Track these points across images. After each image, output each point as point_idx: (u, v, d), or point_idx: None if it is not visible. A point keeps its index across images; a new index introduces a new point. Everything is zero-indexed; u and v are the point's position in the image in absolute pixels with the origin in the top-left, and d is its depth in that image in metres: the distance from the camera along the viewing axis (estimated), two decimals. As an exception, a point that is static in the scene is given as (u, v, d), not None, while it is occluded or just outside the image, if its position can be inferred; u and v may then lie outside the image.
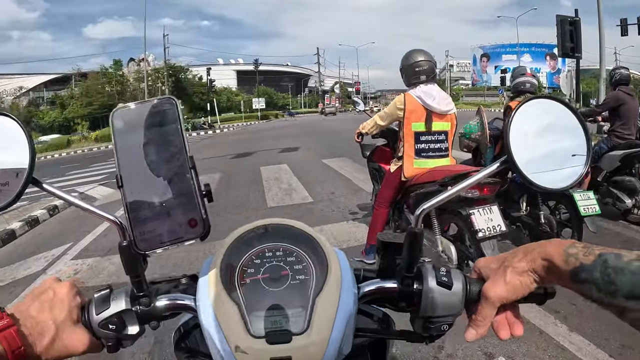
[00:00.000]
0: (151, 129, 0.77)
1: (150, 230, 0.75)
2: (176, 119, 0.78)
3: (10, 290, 5.01)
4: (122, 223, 0.77)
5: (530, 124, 0.78)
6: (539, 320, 3.26)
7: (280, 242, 0.80)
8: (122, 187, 0.75)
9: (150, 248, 0.75)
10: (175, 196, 0.76)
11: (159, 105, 0.79)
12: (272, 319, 0.69)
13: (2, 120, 0.81)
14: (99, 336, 0.77)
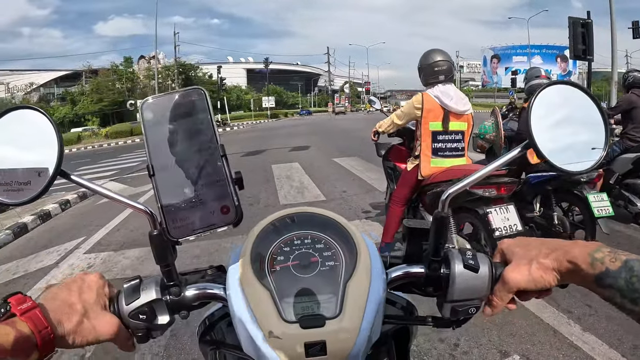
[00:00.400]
0: (181, 119, 0.79)
1: (182, 218, 0.77)
2: (205, 108, 0.80)
3: (24, 282, 5.04)
4: (152, 212, 0.78)
5: (550, 108, 0.80)
6: (553, 320, 3.27)
7: (308, 229, 0.80)
8: (154, 176, 0.77)
9: (183, 235, 0.77)
10: (207, 184, 0.78)
11: (188, 95, 0.80)
12: (303, 304, 0.69)
13: (30, 114, 0.81)
14: (129, 326, 0.78)
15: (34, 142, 0.79)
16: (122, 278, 4.66)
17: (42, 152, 0.78)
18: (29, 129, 0.79)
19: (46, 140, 0.78)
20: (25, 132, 0.80)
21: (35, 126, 0.79)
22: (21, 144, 0.80)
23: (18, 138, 0.80)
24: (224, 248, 5.28)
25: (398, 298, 0.96)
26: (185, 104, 0.80)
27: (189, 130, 0.79)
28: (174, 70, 54.23)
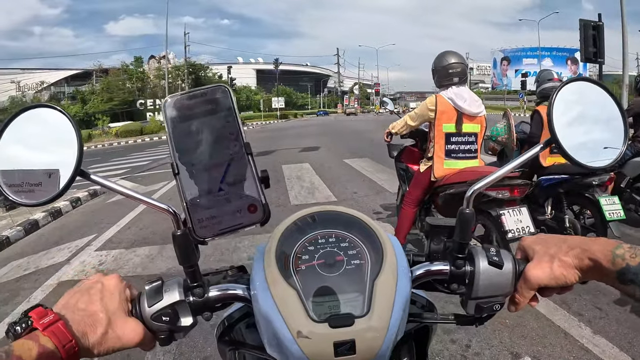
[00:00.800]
0: (205, 117, 0.78)
1: (208, 218, 0.76)
2: (230, 106, 0.79)
3: (35, 278, 5.09)
4: (175, 212, 0.77)
5: (570, 105, 0.80)
6: (564, 323, 3.27)
7: (332, 228, 0.79)
8: (178, 174, 0.76)
9: (209, 235, 0.76)
10: (233, 182, 0.77)
11: (212, 93, 0.79)
12: (330, 303, 0.68)
13: (48, 112, 0.80)
14: (152, 328, 0.77)
15: (53, 141, 0.78)
16: (134, 276, 4.78)
17: (61, 152, 0.77)
18: (48, 128, 0.79)
19: (65, 139, 0.78)
20: (45, 131, 0.79)
21: (54, 125, 0.79)
22: (40, 143, 0.79)
23: (37, 137, 0.80)
24: (237, 247, 5.31)
25: (418, 297, 0.96)
26: (209, 101, 0.79)
27: (214, 128, 0.78)
28: (184, 70, 54.36)
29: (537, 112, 4.77)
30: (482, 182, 0.82)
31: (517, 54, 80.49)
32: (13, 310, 4.19)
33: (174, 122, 0.78)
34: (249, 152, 0.78)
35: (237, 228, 0.77)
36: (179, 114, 0.78)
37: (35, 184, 0.77)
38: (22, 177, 0.78)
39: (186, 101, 0.79)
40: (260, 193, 0.77)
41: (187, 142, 0.77)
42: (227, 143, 0.77)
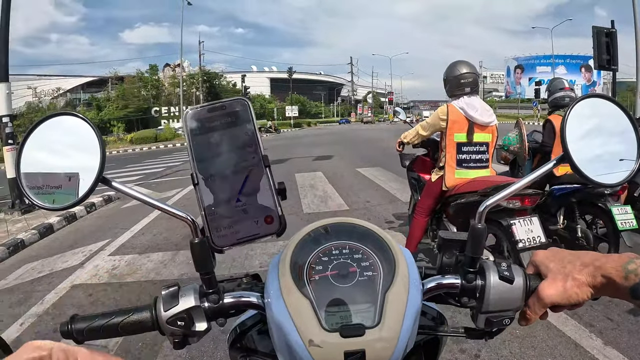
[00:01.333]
0: (225, 129, 0.79)
1: (226, 227, 0.77)
2: (249, 119, 0.80)
3: (49, 281, 5.15)
4: (193, 220, 0.79)
5: (584, 121, 0.80)
6: (574, 334, 3.25)
7: (346, 240, 0.80)
8: (198, 184, 0.77)
9: (227, 244, 0.78)
10: (250, 194, 0.78)
11: (232, 106, 0.81)
12: (341, 314, 0.69)
13: (72, 120, 0.83)
14: (166, 332, 0.79)
15: (76, 148, 0.80)
16: (147, 281, 4.83)
17: (84, 159, 0.79)
18: (72, 135, 0.81)
19: (88, 146, 0.80)
20: (68, 138, 0.81)
21: (78, 133, 0.81)
22: (63, 150, 0.81)
23: (60, 143, 0.81)
24: (248, 255, 5.32)
25: (429, 309, 0.96)
26: (229, 114, 0.80)
27: (233, 140, 0.79)
28: (198, 79, 54.70)
29: (549, 122, 4.75)
30: (494, 197, 0.83)
31: (530, 61, 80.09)
32: (26, 312, 4.25)
33: (194, 133, 0.80)
34: (267, 164, 0.80)
35: (254, 238, 0.79)
36: (199, 126, 0.80)
37: (58, 189, 0.80)
38: (45, 181, 0.80)
39: (206, 113, 0.80)
40: (277, 204, 0.79)
41: (207, 153, 0.79)
42: (245, 155, 0.79)
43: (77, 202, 0.80)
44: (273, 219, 0.79)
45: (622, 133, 0.82)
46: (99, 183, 0.79)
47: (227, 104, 0.81)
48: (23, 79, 56.47)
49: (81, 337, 0.82)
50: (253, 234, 0.78)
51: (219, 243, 0.78)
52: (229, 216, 0.78)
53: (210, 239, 0.77)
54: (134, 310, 0.82)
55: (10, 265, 6.09)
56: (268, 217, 0.79)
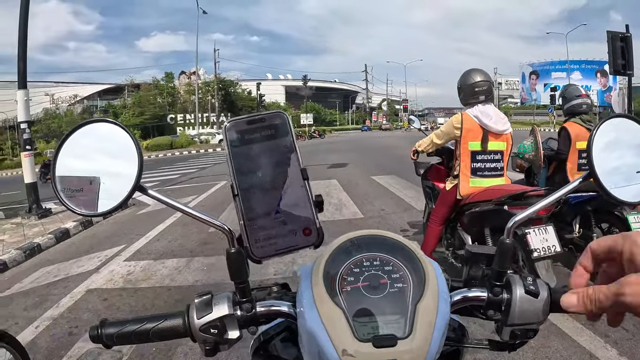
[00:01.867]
0: (264, 141, 0.80)
1: (265, 238, 0.78)
2: (288, 132, 0.81)
3: (64, 285, 5.23)
4: (230, 230, 0.79)
5: (609, 140, 0.81)
6: (589, 344, 3.21)
7: (377, 252, 0.80)
8: (238, 195, 0.78)
9: (266, 255, 0.79)
10: (289, 206, 0.79)
11: (270, 119, 0.81)
12: (372, 324, 0.69)
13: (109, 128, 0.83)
14: (198, 339, 0.80)
15: (114, 155, 0.81)
16: (161, 286, 4.86)
17: (121, 166, 0.80)
18: (109, 143, 0.82)
19: (125, 154, 0.80)
20: (105, 145, 0.82)
21: (115, 140, 0.82)
22: (100, 156, 0.82)
23: (97, 150, 0.82)
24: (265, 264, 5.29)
25: (452, 320, 0.95)
26: (268, 126, 0.81)
27: (272, 153, 0.80)
28: (213, 86, 55.02)
29: (564, 129, 4.71)
30: (523, 213, 0.84)
31: (545, 67, 79.72)
32: (41, 315, 4.31)
33: (234, 145, 0.81)
34: (305, 177, 0.80)
35: (292, 249, 0.80)
36: (239, 138, 0.81)
37: (92, 194, 0.81)
38: (80, 186, 0.81)
39: (246, 125, 0.82)
40: (314, 217, 0.80)
41: (246, 165, 0.80)
42: (284, 167, 0.80)
43: (116, 208, 0.81)
44: (311, 231, 0.80)
45: None
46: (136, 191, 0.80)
47: (266, 117, 0.82)
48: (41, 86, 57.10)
49: (111, 342, 0.84)
50: (291, 245, 0.79)
51: (258, 254, 0.79)
52: (268, 227, 0.79)
53: (249, 250, 0.78)
54: (166, 317, 0.84)
55: (26, 269, 6.19)
56: (306, 229, 0.80)
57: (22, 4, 9.16)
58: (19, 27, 9.11)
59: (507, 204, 3.58)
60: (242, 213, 0.79)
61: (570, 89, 4.99)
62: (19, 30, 9.11)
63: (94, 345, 3.46)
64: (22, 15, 9.13)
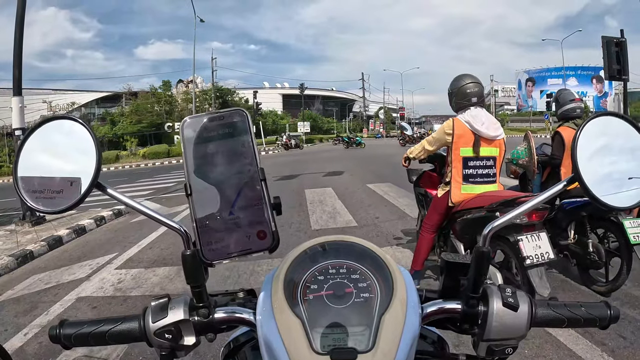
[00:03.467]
0: (222, 139, 0.78)
1: (217, 241, 0.75)
2: (247, 130, 0.79)
3: (55, 292, 5.23)
4: (186, 232, 0.78)
5: (596, 140, 0.79)
6: (586, 353, 3.17)
7: (344, 259, 0.78)
8: (191, 195, 0.76)
9: (217, 258, 0.75)
10: (244, 207, 0.76)
11: (230, 117, 0.79)
12: (335, 336, 0.67)
13: (70, 124, 0.82)
14: (154, 344, 0.78)
15: (73, 152, 0.80)
16: (151, 295, 4.81)
17: (81, 163, 0.79)
18: (69, 139, 0.81)
19: (85, 151, 0.80)
20: (65, 142, 0.81)
21: (75, 137, 0.81)
22: (60, 154, 0.81)
23: (57, 147, 0.81)
24: (254, 271, 5.31)
25: (430, 333, 0.93)
26: (226, 124, 0.79)
27: (230, 152, 0.78)
28: (211, 95, 55.07)
29: (558, 134, 4.71)
30: (501, 219, 0.81)
31: (541, 74, 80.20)
32: (31, 322, 4.31)
33: (191, 142, 0.78)
34: (262, 177, 0.77)
35: (244, 253, 0.76)
36: (196, 135, 0.78)
37: (54, 192, 0.80)
38: (42, 184, 0.80)
39: (204, 123, 0.79)
40: (270, 219, 0.76)
41: (203, 164, 0.77)
42: (241, 167, 0.77)
43: (73, 206, 0.79)
44: (266, 234, 0.76)
45: (632, 151, 0.80)
46: (94, 189, 0.79)
47: (225, 114, 0.80)
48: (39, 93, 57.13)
49: (69, 343, 0.82)
50: (244, 249, 0.76)
51: (209, 257, 0.75)
52: (221, 230, 0.76)
53: (200, 252, 0.75)
54: (123, 320, 0.82)
55: (18, 276, 6.19)
56: (261, 232, 0.76)
57: (18, 11, 9.20)
58: (15, 34, 9.15)
59: (498, 210, 3.55)
60: (194, 214, 0.76)
61: (563, 93, 5.00)
62: (14, 37, 9.16)
63: (81, 354, 3.47)
64: (18, 22, 9.16)
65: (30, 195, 0.80)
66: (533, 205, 0.82)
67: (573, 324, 0.81)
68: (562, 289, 4.38)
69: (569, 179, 0.78)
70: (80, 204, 0.79)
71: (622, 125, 0.81)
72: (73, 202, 0.78)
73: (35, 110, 48.47)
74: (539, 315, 0.78)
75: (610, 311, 0.80)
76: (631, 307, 3.85)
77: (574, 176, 0.77)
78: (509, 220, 0.81)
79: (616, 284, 4.06)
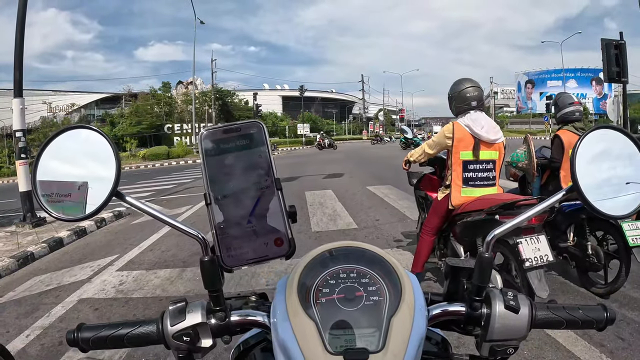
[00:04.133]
0: (239, 151, 0.81)
1: (236, 247, 0.79)
2: (264, 141, 0.82)
3: (56, 294, 5.23)
4: (204, 239, 0.80)
5: (594, 152, 0.81)
6: (585, 354, 3.18)
7: (354, 264, 0.80)
8: (210, 204, 0.79)
9: (236, 264, 0.79)
10: (262, 216, 0.79)
11: (246, 128, 0.82)
12: (346, 337, 0.68)
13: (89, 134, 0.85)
14: (172, 347, 0.80)
15: (93, 161, 0.82)
16: (153, 297, 4.84)
17: (100, 172, 0.81)
18: (88, 149, 0.83)
19: (104, 160, 0.82)
20: (84, 151, 0.83)
21: (94, 146, 0.83)
22: (80, 162, 0.83)
23: (77, 156, 0.83)
24: (255, 274, 5.30)
25: (433, 334, 0.95)
26: (243, 136, 0.82)
27: (247, 162, 0.81)
28: (210, 96, 55.03)
29: (557, 137, 4.72)
30: (502, 227, 0.84)
31: (541, 76, 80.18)
32: (33, 324, 4.31)
33: (209, 154, 0.81)
34: (278, 187, 0.80)
35: (263, 260, 0.80)
36: (214, 146, 0.81)
37: (72, 200, 0.82)
38: (60, 191, 0.82)
39: (221, 134, 0.82)
40: (287, 227, 0.80)
41: (220, 174, 0.80)
42: (258, 177, 0.80)
43: (91, 215, 0.82)
44: (283, 242, 0.80)
45: (629, 161, 0.82)
46: (113, 197, 0.81)
47: (242, 126, 0.83)
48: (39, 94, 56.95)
49: (87, 347, 0.84)
50: (262, 255, 0.79)
51: (228, 263, 0.79)
52: (239, 237, 0.79)
53: (220, 258, 0.79)
54: (141, 323, 0.84)
55: (19, 278, 6.19)
56: (278, 240, 0.80)
57: (19, 13, 9.24)
58: (16, 36, 9.17)
59: (498, 213, 3.57)
60: (214, 222, 0.79)
61: (562, 97, 5.01)
62: (15, 39, 9.17)
63: (84, 355, 3.47)
64: (19, 24, 9.19)
65: (48, 200, 0.82)
66: (534, 214, 0.84)
67: (571, 326, 0.84)
68: (562, 290, 4.39)
69: (567, 189, 0.80)
70: (99, 212, 0.82)
71: (620, 138, 0.83)
72: (93, 210, 0.81)
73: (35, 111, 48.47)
74: (538, 317, 0.81)
75: (607, 313, 0.83)
76: (630, 308, 3.86)
77: (572, 186, 0.79)
78: (511, 227, 0.84)
79: (615, 286, 4.06)
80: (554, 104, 5.08)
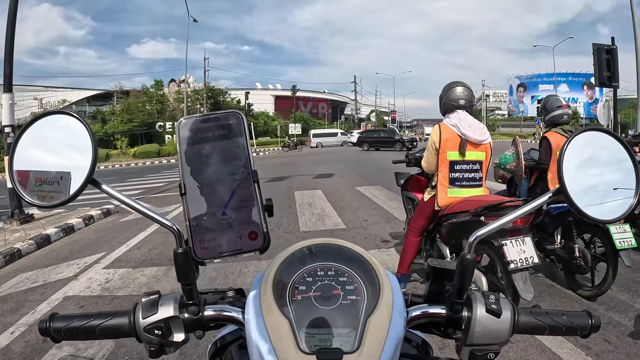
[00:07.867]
0: (217, 141, 0.79)
1: (210, 240, 0.76)
2: (242, 132, 0.80)
3: (42, 291, 5.21)
4: (179, 230, 0.79)
5: (581, 155, 0.80)
6: (570, 357, 3.18)
7: (332, 261, 0.79)
8: (185, 194, 0.77)
9: (208, 257, 0.76)
10: (237, 208, 0.77)
11: (225, 118, 0.80)
12: (321, 336, 0.68)
13: (67, 120, 0.83)
14: (143, 340, 0.79)
15: (69, 147, 0.81)
16: (138, 295, 4.76)
17: (76, 159, 0.80)
18: (65, 135, 0.82)
19: (81, 147, 0.80)
20: (61, 137, 0.82)
21: (71, 132, 0.82)
22: (56, 149, 0.82)
23: (53, 142, 0.82)
24: (242, 272, 5.31)
25: (414, 336, 0.95)
26: (222, 126, 0.80)
27: (224, 153, 0.79)
28: (203, 95, 54.89)
29: (545, 139, 4.73)
30: (485, 228, 0.83)
31: (533, 80, 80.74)
32: (18, 321, 4.29)
33: (186, 142, 0.79)
34: (255, 179, 0.79)
35: (236, 253, 0.77)
36: (192, 136, 0.80)
37: (49, 187, 0.80)
38: (37, 179, 0.81)
39: (200, 124, 0.80)
40: (262, 221, 0.78)
41: (197, 164, 0.78)
42: (235, 169, 0.79)
43: (67, 201, 0.80)
44: (257, 235, 0.77)
45: (617, 164, 0.82)
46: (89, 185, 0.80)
47: (220, 116, 0.81)
48: (30, 90, 56.62)
49: (59, 337, 0.83)
50: (236, 249, 0.77)
51: (200, 255, 0.77)
52: (213, 229, 0.77)
53: (192, 250, 0.76)
54: (113, 315, 0.83)
55: (5, 274, 6.15)
56: (252, 233, 0.77)
57: (10, 7, 9.19)
58: (7, 30, 9.13)
59: (483, 214, 3.56)
60: (188, 212, 0.77)
61: (551, 100, 5.01)
62: (6, 33, 9.13)
63: (67, 353, 3.45)
64: (10, 18, 9.14)
65: (25, 189, 0.81)
66: (518, 216, 0.83)
67: (555, 332, 0.83)
68: (548, 293, 4.40)
69: (554, 191, 0.80)
70: (75, 199, 0.80)
71: (608, 140, 0.83)
72: (68, 197, 0.79)
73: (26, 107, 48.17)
74: (521, 322, 0.80)
75: (592, 320, 0.82)
76: (617, 311, 3.87)
77: (559, 189, 0.78)
78: (493, 229, 0.83)
79: (602, 289, 4.08)
80: (542, 107, 5.09)
